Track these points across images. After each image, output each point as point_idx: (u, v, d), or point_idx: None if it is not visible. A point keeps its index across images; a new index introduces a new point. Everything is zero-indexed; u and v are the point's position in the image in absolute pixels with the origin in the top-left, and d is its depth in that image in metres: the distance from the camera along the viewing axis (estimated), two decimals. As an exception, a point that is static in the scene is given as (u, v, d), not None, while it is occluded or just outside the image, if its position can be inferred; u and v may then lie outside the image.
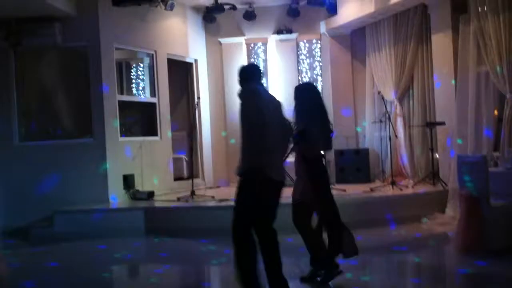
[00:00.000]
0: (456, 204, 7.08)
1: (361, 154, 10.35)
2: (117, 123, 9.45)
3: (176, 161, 10.90)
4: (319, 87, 11.17)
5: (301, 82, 10.81)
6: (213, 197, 9.03)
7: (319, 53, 11.42)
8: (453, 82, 8.59)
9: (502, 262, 5.60)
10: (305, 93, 5.14)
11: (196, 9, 11.35)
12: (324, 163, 5.28)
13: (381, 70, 10.39)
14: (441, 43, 8.91)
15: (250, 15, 11.08)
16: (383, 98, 9.69)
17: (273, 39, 11.47)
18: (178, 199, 8.94)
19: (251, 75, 4.61)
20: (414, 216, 8.00)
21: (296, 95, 5.14)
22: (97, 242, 7.71)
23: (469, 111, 8.18)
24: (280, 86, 11.29)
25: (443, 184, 8.51)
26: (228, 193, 9.52)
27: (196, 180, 10.00)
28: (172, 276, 6.17)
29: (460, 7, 8.43)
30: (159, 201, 9.11)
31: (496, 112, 8.00)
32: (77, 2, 9.15)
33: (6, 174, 8.88)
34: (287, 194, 4.76)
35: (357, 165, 10.23)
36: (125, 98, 10.13)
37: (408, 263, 6.32)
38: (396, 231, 7.51)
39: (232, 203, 4.28)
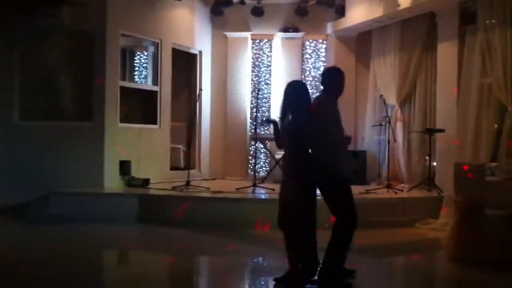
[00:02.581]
0: (450, 211, 7.09)
1: (359, 157, 10.34)
2: (117, 109, 9.44)
3: (174, 150, 10.91)
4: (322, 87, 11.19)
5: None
6: (208, 188, 9.03)
7: (324, 53, 11.43)
8: (455, 91, 8.60)
9: (492, 272, 5.61)
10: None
11: (205, 1, 11.37)
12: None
13: (385, 75, 10.41)
14: (446, 52, 8.92)
15: (258, 11, 11.07)
16: (384, 102, 9.71)
17: (279, 37, 11.48)
18: (173, 188, 8.94)
19: None
20: (407, 220, 8.02)
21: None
22: (88, 226, 7.72)
23: (469, 120, 8.20)
24: (282, 84, 11.27)
25: (439, 191, 8.53)
26: (223, 186, 9.57)
27: (192, 171, 9.99)
28: (158, 265, 6.18)
29: (468, 18, 8.43)
30: (154, 189, 9.10)
31: (496, 125, 8.02)
32: (87, -14, 9.15)
33: (4, 151, 8.87)
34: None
35: (354, 167, 10.20)
36: (127, 84, 10.10)
37: (397, 267, 6.35)
38: (388, 234, 7.53)
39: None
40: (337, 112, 5.07)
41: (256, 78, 11.57)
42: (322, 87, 5.20)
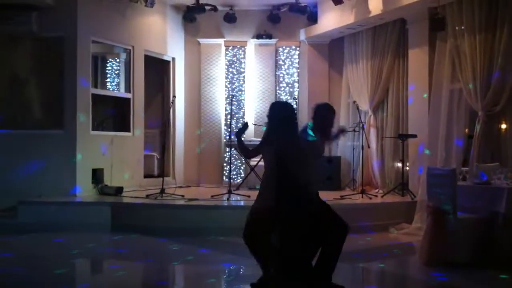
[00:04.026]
0: (424, 215, 7.16)
1: (333, 162, 10.40)
2: (89, 117, 9.33)
3: (147, 158, 10.81)
4: (296, 94, 11.27)
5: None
6: (182, 196, 8.96)
7: (297, 60, 11.48)
8: (426, 96, 8.71)
9: (463, 276, 5.67)
10: None
11: (177, 7, 11.33)
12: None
13: (357, 81, 10.50)
14: (417, 58, 9.04)
15: (230, 18, 11.09)
16: (358, 108, 9.80)
17: (252, 43, 11.50)
18: (147, 196, 8.85)
19: None
20: (381, 225, 8.10)
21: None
22: (59, 235, 7.57)
23: (440, 126, 8.31)
24: (257, 90, 11.35)
25: (412, 196, 8.62)
26: (198, 193, 9.51)
27: (166, 179, 9.92)
28: (131, 274, 6.09)
29: (438, 24, 8.52)
30: (127, 197, 9.00)
31: (466, 130, 8.15)
32: (56, -8, 9.03)
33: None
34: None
35: (329, 173, 10.27)
36: (99, 92, 10.00)
37: (371, 272, 6.38)
38: (363, 239, 7.57)
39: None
40: (320, 145, 4.97)
41: (230, 85, 11.56)
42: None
